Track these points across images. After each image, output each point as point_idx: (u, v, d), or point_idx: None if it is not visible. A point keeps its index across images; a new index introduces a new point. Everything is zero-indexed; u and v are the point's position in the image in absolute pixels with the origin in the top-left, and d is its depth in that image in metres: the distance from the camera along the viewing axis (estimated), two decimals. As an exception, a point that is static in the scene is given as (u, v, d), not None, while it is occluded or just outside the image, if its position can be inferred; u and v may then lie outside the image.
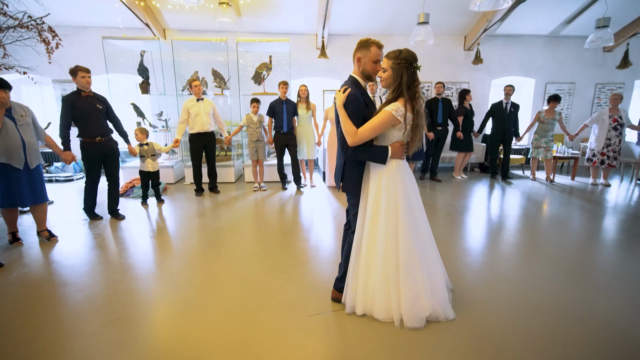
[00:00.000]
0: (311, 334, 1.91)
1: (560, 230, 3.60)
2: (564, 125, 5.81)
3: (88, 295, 2.34)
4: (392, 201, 1.91)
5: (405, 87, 1.83)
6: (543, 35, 6.92)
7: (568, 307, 2.17)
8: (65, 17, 5.73)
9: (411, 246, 1.92)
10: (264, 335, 1.90)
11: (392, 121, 1.84)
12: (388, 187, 1.92)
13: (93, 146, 3.68)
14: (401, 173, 1.94)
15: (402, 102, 1.83)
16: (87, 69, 3.61)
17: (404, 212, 1.92)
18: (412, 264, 1.91)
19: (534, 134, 5.82)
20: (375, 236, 1.96)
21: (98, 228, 3.68)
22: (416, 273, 1.93)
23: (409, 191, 1.96)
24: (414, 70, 1.85)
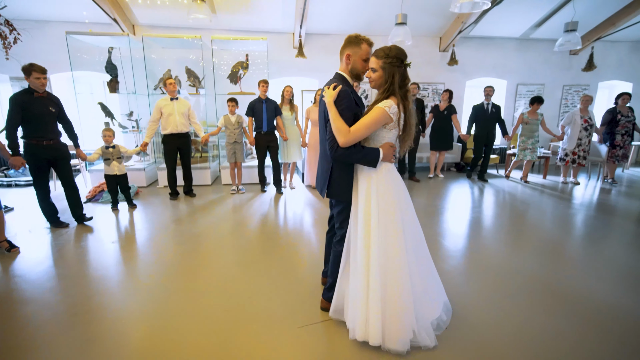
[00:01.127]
0: (302, 347, 1.85)
1: (536, 227, 3.73)
2: (547, 127, 5.90)
3: (56, 313, 2.16)
4: (383, 208, 1.79)
5: (398, 86, 1.75)
6: (514, 38, 7.16)
7: (541, 299, 2.24)
8: (25, 10, 5.34)
9: (403, 258, 1.77)
10: (251, 349, 1.83)
11: (385, 119, 1.74)
12: (378, 193, 1.79)
13: (40, 149, 3.39)
14: (391, 177, 1.84)
15: (395, 100, 1.75)
16: (43, 69, 3.32)
17: (397, 220, 1.79)
18: (404, 277, 1.76)
19: (520, 136, 5.90)
20: (369, 246, 1.79)
21: (64, 237, 3.44)
22: (407, 287, 1.76)
23: (400, 197, 1.84)
24: (405, 68, 1.78)
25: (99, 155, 4.11)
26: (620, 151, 5.61)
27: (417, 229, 1.96)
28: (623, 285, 2.52)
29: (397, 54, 1.75)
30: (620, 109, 5.56)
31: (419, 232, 1.97)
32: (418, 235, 1.96)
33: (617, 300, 2.30)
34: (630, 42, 7.46)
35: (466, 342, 1.88)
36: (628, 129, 5.54)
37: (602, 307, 2.22)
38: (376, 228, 1.77)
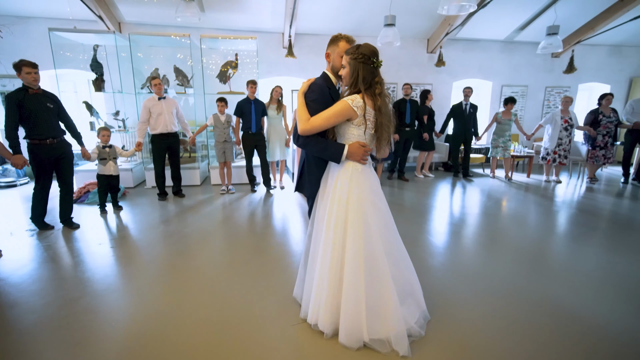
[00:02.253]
0: (298, 344, 1.86)
1: (518, 224, 3.84)
2: (520, 125, 6.21)
3: (42, 317, 2.11)
4: (342, 209, 1.76)
5: (362, 83, 1.71)
6: (499, 41, 7.33)
7: (523, 293, 2.32)
8: (4, 5, 5.17)
9: (357, 261, 1.74)
10: (245, 349, 1.82)
11: (348, 112, 1.71)
12: (340, 194, 1.78)
13: (43, 148, 3.32)
14: (358, 179, 1.78)
15: (361, 96, 1.72)
16: (34, 63, 3.24)
17: (354, 223, 1.76)
18: (355, 280, 1.74)
19: (493, 134, 6.17)
20: (324, 244, 1.82)
21: (49, 239, 3.35)
22: (359, 290, 1.74)
23: (364, 201, 1.78)
24: (373, 66, 1.72)
25: (97, 155, 4.01)
26: (600, 152, 5.82)
27: (390, 233, 1.90)
28: (597, 284, 2.62)
29: (365, 51, 1.71)
30: (603, 109, 5.75)
31: (392, 237, 1.91)
32: (391, 241, 1.89)
33: (588, 303, 2.39)
34: (608, 46, 7.74)
35: (448, 338, 1.93)
36: (610, 129, 5.73)
37: (572, 308, 2.31)
38: (335, 228, 1.77)
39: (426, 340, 1.89)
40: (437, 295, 2.36)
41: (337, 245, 1.78)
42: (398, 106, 5.85)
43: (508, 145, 6.09)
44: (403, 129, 5.89)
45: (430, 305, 2.19)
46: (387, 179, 6.20)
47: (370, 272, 1.77)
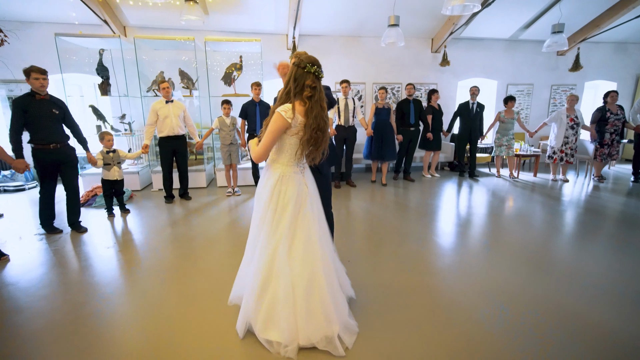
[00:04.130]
0: (307, 350, 1.85)
1: (524, 224, 3.80)
2: (522, 123, 6.17)
3: (49, 321, 2.11)
4: (269, 210, 1.86)
5: (294, 88, 1.76)
6: (504, 39, 7.28)
7: (533, 295, 2.29)
8: (11, 11, 5.23)
9: (260, 264, 1.82)
10: (252, 351, 1.81)
11: (284, 124, 1.74)
12: (269, 196, 1.87)
13: (46, 153, 3.34)
14: (287, 184, 1.84)
15: (291, 103, 1.77)
16: (43, 70, 3.27)
17: (262, 223, 1.88)
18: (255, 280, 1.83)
19: (496, 133, 6.15)
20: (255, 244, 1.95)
21: (57, 243, 3.37)
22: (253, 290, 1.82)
23: (287, 204, 1.83)
24: (306, 72, 1.76)
25: (101, 161, 4.02)
26: (607, 149, 5.75)
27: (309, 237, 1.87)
28: (606, 286, 2.58)
29: (299, 57, 1.78)
30: (610, 107, 5.68)
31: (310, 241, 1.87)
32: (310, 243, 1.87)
33: (591, 304, 2.36)
34: (613, 43, 7.66)
35: (453, 339, 1.91)
36: (617, 127, 5.66)
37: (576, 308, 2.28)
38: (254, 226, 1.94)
39: (431, 340, 1.87)
40: (441, 295, 2.35)
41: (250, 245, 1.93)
42: (401, 107, 5.83)
43: (512, 144, 6.06)
44: (407, 129, 5.86)
45: (433, 305, 2.18)
46: (393, 179, 6.18)
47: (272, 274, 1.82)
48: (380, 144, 5.55)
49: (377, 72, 7.04)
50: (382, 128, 5.54)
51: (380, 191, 5.38)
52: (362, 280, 2.57)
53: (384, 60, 7.00)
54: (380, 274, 2.69)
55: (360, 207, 4.55)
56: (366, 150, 5.80)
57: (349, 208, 4.51)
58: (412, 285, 2.50)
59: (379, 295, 2.38)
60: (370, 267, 2.79)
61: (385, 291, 2.43)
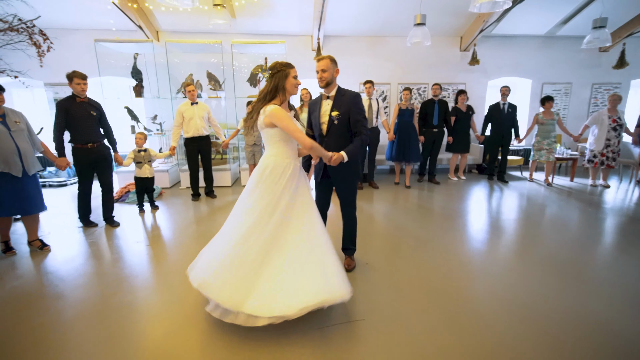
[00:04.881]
0: (321, 348, 1.86)
1: (557, 232, 3.59)
2: (563, 126, 5.77)
3: (83, 309, 2.27)
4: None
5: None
6: (539, 36, 6.92)
7: (561, 309, 2.15)
8: (55, 20, 5.63)
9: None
10: (265, 350, 1.85)
11: None
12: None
13: (84, 152, 3.60)
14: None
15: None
16: (84, 75, 3.53)
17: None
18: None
19: (535, 137, 5.79)
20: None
21: (93, 236, 3.61)
22: None
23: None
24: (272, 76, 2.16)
25: (132, 160, 4.27)
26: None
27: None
28: None
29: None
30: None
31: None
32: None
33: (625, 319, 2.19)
34: (666, 38, 7.05)
35: (473, 348, 1.84)
36: None
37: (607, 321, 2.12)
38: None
39: (447, 348, 1.82)
40: (461, 302, 2.28)
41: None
42: (425, 107, 5.69)
43: (554, 148, 5.67)
44: (430, 131, 5.72)
45: (452, 312, 2.12)
46: (417, 181, 6.05)
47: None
48: (402, 145, 5.46)
49: (403, 73, 6.92)
50: (405, 129, 5.44)
51: (404, 193, 5.28)
52: (378, 282, 2.55)
53: (409, 60, 6.87)
54: (398, 276, 2.65)
55: (381, 209, 4.50)
56: (388, 151, 5.72)
57: (370, 210, 4.47)
58: (431, 290, 2.45)
59: (395, 297, 2.35)
60: (388, 270, 2.76)
61: (402, 294, 2.39)
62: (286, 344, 1.90)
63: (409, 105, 5.46)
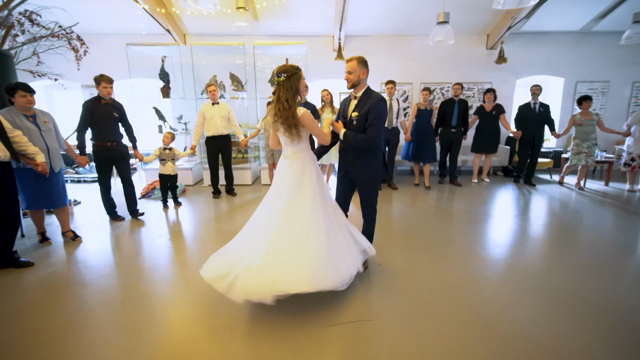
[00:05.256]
0: (324, 346, 1.89)
1: (590, 241, 3.40)
2: (605, 126, 5.34)
3: (107, 298, 2.42)
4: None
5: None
6: (573, 32, 6.56)
7: (588, 324, 2.04)
8: (92, 26, 5.99)
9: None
10: (274, 347, 1.90)
11: None
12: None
13: (104, 150, 3.82)
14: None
15: None
16: (111, 79, 3.75)
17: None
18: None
19: (573, 140, 5.45)
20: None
21: (119, 229, 3.82)
22: None
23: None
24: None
25: (156, 156, 4.48)
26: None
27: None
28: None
29: None
30: None
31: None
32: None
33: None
34: None
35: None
36: None
37: None
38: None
39: (456, 356, 1.79)
40: (476, 309, 2.21)
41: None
42: (444, 107, 5.56)
43: (593, 151, 5.31)
44: (448, 131, 5.59)
45: (463, 319, 2.06)
46: (439, 183, 5.92)
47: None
48: (419, 145, 5.39)
49: (425, 72, 6.79)
50: (422, 129, 5.37)
51: (423, 195, 5.19)
52: (390, 283, 2.53)
53: (433, 59, 6.73)
54: (410, 279, 2.62)
55: (399, 210, 4.45)
56: (405, 150, 5.66)
57: (387, 210, 4.43)
58: (444, 296, 2.40)
59: (406, 300, 2.33)
60: (401, 271, 2.73)
61: (413, 297, 2.36)
62: (292, 338, 1.94)
63: (428, 105, 5.37)
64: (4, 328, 2.08)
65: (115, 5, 5.49)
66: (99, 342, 1.95)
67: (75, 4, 5.29)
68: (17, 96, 2.98)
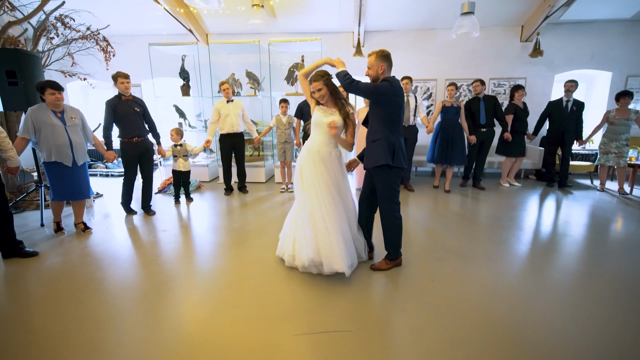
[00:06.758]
0: (296, 356, 1.78)
1: (629, 254, 2.97)
2: None
3: (103, 288, 2.47)
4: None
5: None
6: (624, 20, 5.86)
7: (619, 340, 1.74)
8: (120, 28, 6.29)
9: None
10: (242, 348, 1.81)
11: None
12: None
13: (130, 146, 3.95)
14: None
15: None
16: (127, 74, 3.87)
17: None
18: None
19: (602, 137, 4.96)
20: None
21: (130, 223, 3.94)
22: None
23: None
24: None
25: (171, 153, 4.60)
26: None
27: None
28: None
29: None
30: None
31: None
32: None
33: None
34: None
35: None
36: None
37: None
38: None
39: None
40: (477, 327, 1.98)
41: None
42: (470, 106, 5.17)
43: (624, 152, 4.80)
44: (478, 131, 5.18)
45: (465, 339, 1.84)
46: (460, 186, 5.54)
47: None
48: (445, 145, 5.02)
49: (451, 67, 6.40)
50: (448, 128, 5.00)
51: (442, 199, 4.87)
52: (382, 292, 2.36)
53: (460, 54, 6.32)
54: (406, 289, 2.42)
55: (413, 214, 4.19)
56: (430, 152, 5.31)
57: (405, 215, 4.17)
58: (437, 308, 2.18)
59: (394, 311, 2.14)
60: (398, 279, 2.54)
61: (403, 309, 2.17)
62: (263, 346, 1.84)
63: (455, 102, 5.01)
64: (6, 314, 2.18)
65: (140, 8, 5.72)
66: (77, 332, 1.98)
67: (104, 8, 5.57)
68: (46, 94, 3.15)
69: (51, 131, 3.16)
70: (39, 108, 3.17)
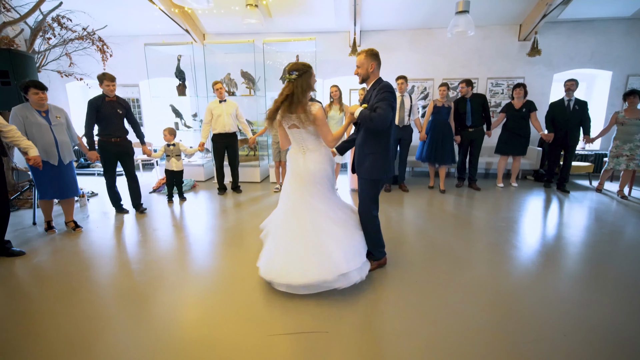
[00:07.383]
0: (269, 357, 1.76)
1: (629, 260, 2.91)
2: None
3: (109, 285, 2.48)
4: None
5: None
6: (624, 18, 5.77)
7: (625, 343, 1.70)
8: (118, 29, 6.33)
9: None
10: (212, 348, 1.80)
11: None
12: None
13: (109, 145, 3.96)
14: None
15: None
16: (113, 77, 3.90)
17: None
18: None
19: (614, 141, 4.78)
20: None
21: (121, 221, 3.96)
22: None
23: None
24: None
25: (163, 153, 4.61)
26: None
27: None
28: None
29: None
30: None
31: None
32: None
33: None
34: None
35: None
36: None
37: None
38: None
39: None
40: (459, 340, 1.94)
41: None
42: (457, 106, 5.14)
43: (636, 154, 4.64)
44: (465, 130, 5.16)
45: (442, 348, 1.81)
46: (456, 186, 5.49)
47: None
48: (435, 144, 5.00)
49: (449, 67, 6.35)
50: (440, 128, 4.98)
51: (437, 199, 4.82)
52: (364, 294, 2.33)
53: (459, 53, 6.27)
54: (389, 291, 2.39)
55: (406, 214, 4.16)
56: (419, 150, 5.30)
57: (394, 214, 4.15)
58: (421, 314, 2.15)
59: (374, 314, 2.12)
60: (384, 282, 2.51)
61: (385, 313, 2.15)
62: (234, 347, 1.83)
63: (446, 102, 4.97)
64: (-21, 311, 2.19)
65: (138, 9, 5.74)
66: (61, 329, 1.99)
67: (102, 9, 5.61)
68: (30, 93, 3.17)
69: (37, 130, 3.18)
70: (24, 107, 3.18)
